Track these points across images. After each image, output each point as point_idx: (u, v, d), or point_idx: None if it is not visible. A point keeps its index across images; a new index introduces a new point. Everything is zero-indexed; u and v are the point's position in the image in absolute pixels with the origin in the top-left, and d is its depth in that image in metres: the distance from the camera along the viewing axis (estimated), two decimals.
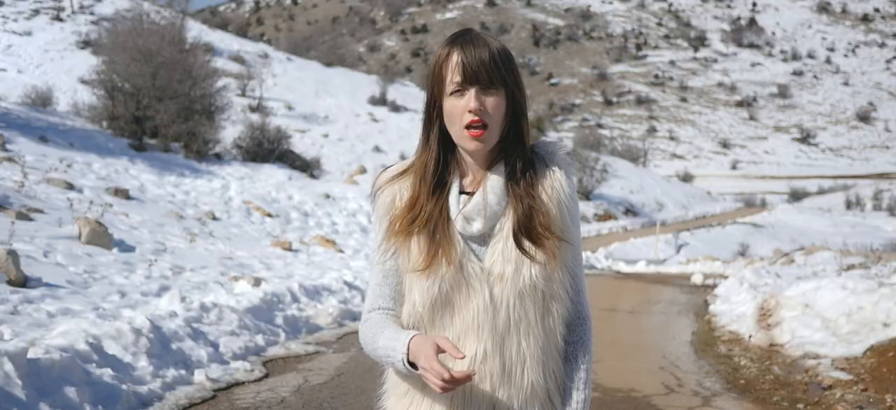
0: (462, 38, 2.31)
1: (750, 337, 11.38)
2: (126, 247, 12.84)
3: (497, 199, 2.31)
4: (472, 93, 2.25)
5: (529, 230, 2.29)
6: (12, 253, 9.08)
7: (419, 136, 2.42)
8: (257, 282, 11.54)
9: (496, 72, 2.26)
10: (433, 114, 2.34)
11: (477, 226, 2.31)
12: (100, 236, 12.40)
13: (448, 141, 2.35)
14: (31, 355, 5.75)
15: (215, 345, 8.20)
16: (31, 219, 12.67)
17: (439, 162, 2.36)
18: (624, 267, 26.92)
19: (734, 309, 13.68)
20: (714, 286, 18.55)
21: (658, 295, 17.55)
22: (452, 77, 2.27)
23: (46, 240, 11.60)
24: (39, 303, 8.39)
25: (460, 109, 2.26)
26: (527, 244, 2.29)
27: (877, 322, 10.07)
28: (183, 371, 7.20)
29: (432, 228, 2.32)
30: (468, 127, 2.26)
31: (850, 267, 17.41)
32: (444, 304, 2.29)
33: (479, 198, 2.32)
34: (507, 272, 2.29)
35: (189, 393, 6.87)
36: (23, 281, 9.05)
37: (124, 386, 6.25)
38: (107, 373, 6.29)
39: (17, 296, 8.43)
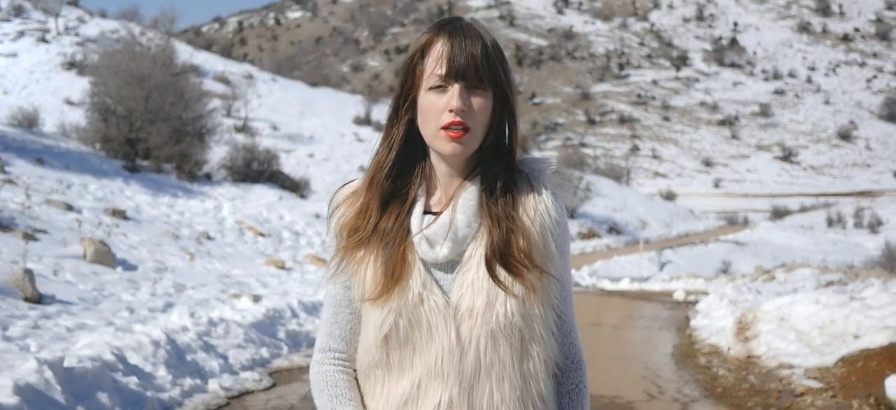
0: (451, 24, 2.00)
1: (728, 349, 11.92)
2: (129, 266, 13.29)
3: (467, 220, 1.98)
4: (455, 89, 1.93)
5: (505, 257, 1.96)
6: (28, 272, 9.55)
7: (381, 134, 2.07)
8: (257, 299, 12.02)
9: (487, 70, 1.95)
10: (402, 107, 2.01)
11: (442, 252, 1.98)
12: (104, 255, 12.85)
13: (415, 142, 2.03)
14: (66, 364, 6.25)
15: (224, 357, 8.71)
16: (36, 240, 13.10)
17: (396, 163, 2.02)
18: (608, 285, 27.30)
19: (714, 323, 14.19)
20: (696, 302, 19.03)
21: (641, 310, 18.04)
22: (435, 69, 1.95)
23: (54, 260, 12.05)
24: (57, 319, 8.85)
25: (439, 107, 1.94)
26: (502, 274, 1.96)
27: (848, 334, 10.64)
28: (198, 381, 7.75)
29: (387, 248, 2.00)
30: (446, 127, 1.93)
31: (829, 284, 17.99)
32: (402, 344, 1.96)
33: (445, 218, 1.99)
34: (477, 306, 1.95)
35: (206, 400, 7.43)
36: (38, 298, 9.51)
37: (148, 393, 6.79)
38: (132, 381, 6.83)
39: (36, 312, 8.88)
